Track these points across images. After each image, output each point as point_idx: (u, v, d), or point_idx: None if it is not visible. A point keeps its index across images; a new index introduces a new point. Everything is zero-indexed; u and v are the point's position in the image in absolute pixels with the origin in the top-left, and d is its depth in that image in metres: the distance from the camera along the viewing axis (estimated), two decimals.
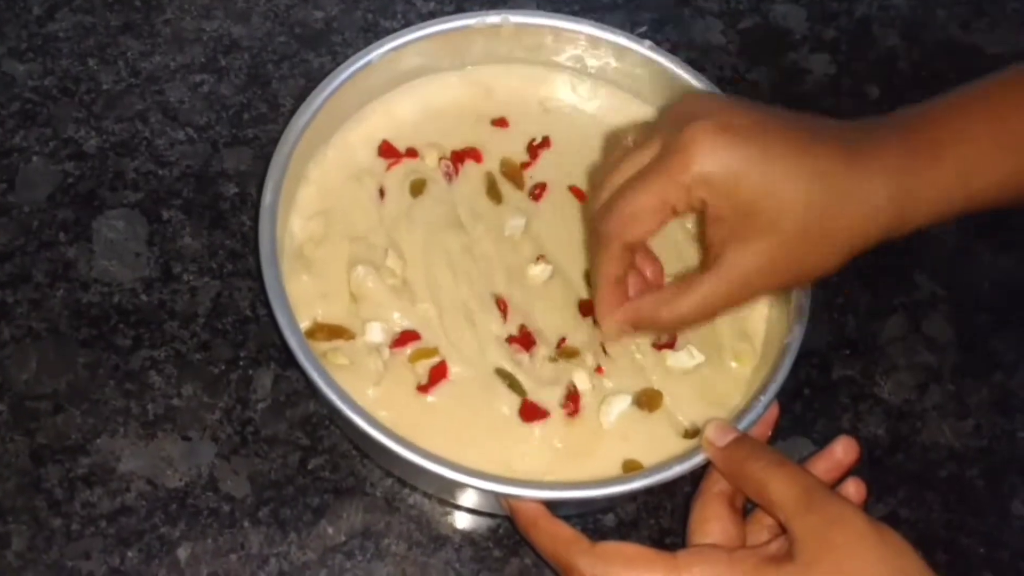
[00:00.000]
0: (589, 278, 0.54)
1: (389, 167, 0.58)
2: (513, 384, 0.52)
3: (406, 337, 0.52)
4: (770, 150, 0.45)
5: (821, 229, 0.45)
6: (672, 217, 0.46)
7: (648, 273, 0.52)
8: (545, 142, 0.60)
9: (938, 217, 0.47)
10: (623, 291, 0.50)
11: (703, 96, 0.48)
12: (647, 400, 0.53)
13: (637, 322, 0.50)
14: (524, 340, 0.53)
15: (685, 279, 0.48)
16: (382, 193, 0.57)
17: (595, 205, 0.49)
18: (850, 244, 0.46)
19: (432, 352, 0.52)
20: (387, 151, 0.58)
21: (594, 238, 0.50)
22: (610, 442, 0.52)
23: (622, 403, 0.52)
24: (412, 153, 0.58)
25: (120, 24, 0.66)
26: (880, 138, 0.47)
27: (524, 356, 0.53)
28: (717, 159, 0.44)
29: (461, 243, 0.56)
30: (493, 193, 0.58)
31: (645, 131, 0.49)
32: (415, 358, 0.52)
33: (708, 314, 0.48)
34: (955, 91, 0.50)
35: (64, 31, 0.65)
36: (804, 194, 0.44)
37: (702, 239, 0.50)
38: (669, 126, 0.46)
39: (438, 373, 0.52)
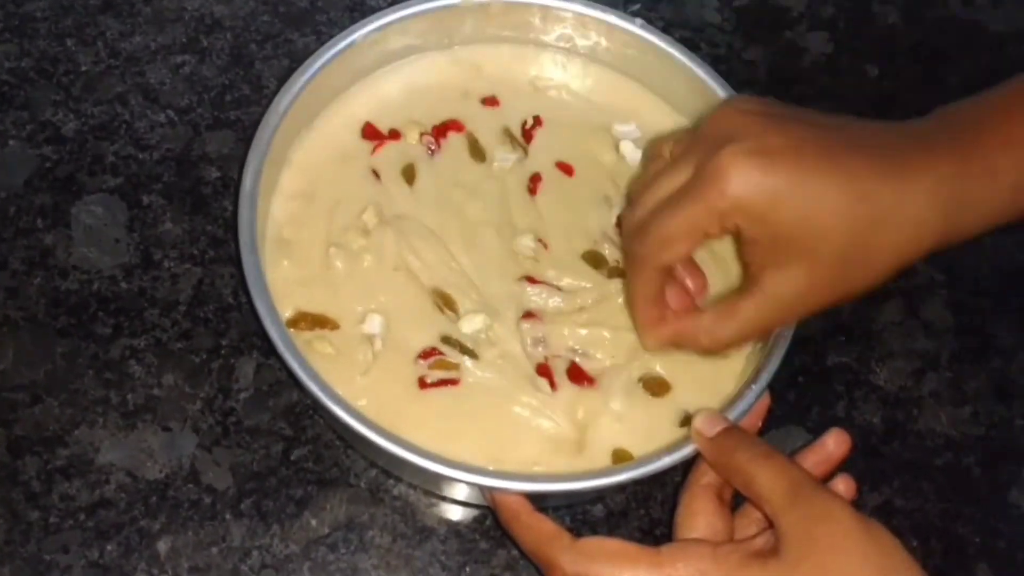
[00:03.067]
0: (625, 298, 0.53)
1: (375, 150, 0.57)
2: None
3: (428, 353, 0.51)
4: (807, 172, 0.43)
5: (863, 251, 0.44)
6: (705, 240, 0.45)
7: (690, 285, 0.51)
8: (537, 121, 0.59)
9: (987, 228, 0.46)
10: (661, 307, 0.49)
11: (739, 107, 0.46)
12: (654, 386, 0.52)
13: (677, 343, 0.49)
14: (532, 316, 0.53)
15: (725, 302, 0.47)
16: (377, 175, 0.56)
17: (630, 222, 0.48)
18: (895, 262, 0.45)
19: (452, 366, 0.51)
20: (370, 133, 0.57)
21: (628, 257, 0.49)
22: (604, 429, 0.51)
23: (629, 384, 0.52)
24: (395, 135, 0.57)
25: (100, 3, 0.64)
26: (926, 146, 0.45)
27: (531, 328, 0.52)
28: (751, 185, 0.43)
29: (457, 221, 0.55)
30: (476, 152, 0.57)
31: (683, 142, 0.48)
32: (434, 366, 0.51)
33: (748, 339, 0.48)
34: (998, 89, 0.48)
35: (42, 11, 0.64)
36: (844, 218, 0.43)
37: (741, 258, 0.50)
38: (704, 146, 0.45)
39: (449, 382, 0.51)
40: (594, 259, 0.55)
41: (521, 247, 0.54)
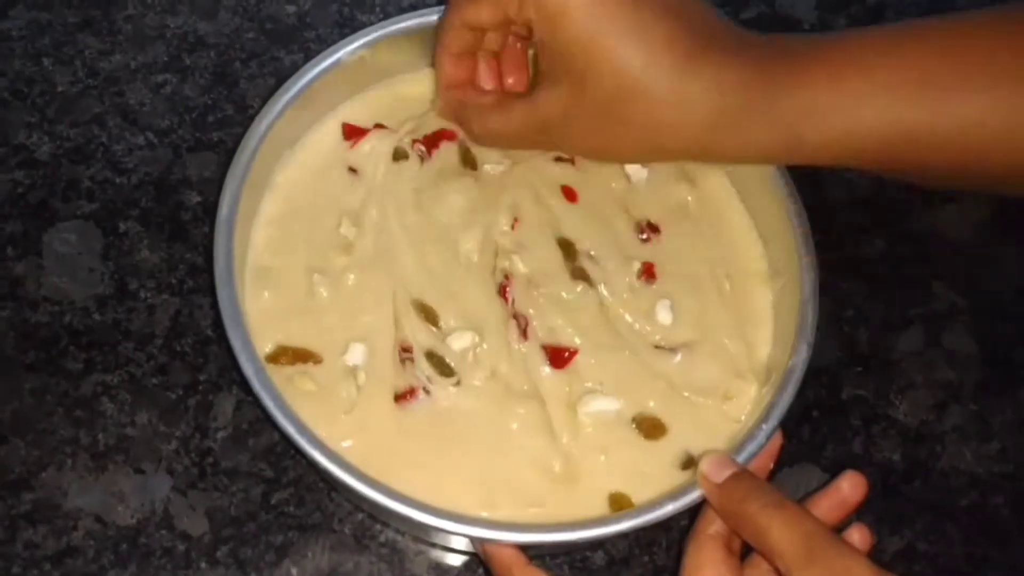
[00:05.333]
0: None
1: (354, 145, 0.54)
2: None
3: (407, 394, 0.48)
4: (620, 10, 0.43)
5: (623, 109, 0.44)
6: (507, 23, 0.46)
7: (511, 80, 0.51)
8: None
9: (750, 158, 0.46)
10: (464, 72, 0.50)
11: None
12: (648, 427, 0.48)
13: (458, 115, 0.51)
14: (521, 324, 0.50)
15: (508, 97, 0.49)
16: (355, 171, 0.53)
17: None
18: (651, 139, 0.45)
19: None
20: (351, 132, 0.54)
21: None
22: (602, 469, 0.48)
23: (619, 423, 0.48)
24: (380, 126, 0.54)
25: (78, 21, 0.62)
26: (744, 49, 0.44)
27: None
28: None
29: (440, 240, 0.52)
30: (467, 160, 0.54)
31: None
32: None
33: (512, 140, 0.49)
34: (863, 32, 0.46)
35: (18, 29, 0.61)
36: (620, 68, 0.43)
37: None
38: None
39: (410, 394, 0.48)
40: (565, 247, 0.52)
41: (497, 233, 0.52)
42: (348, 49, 0.53)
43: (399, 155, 0.53)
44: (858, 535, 0.43)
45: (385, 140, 0.54)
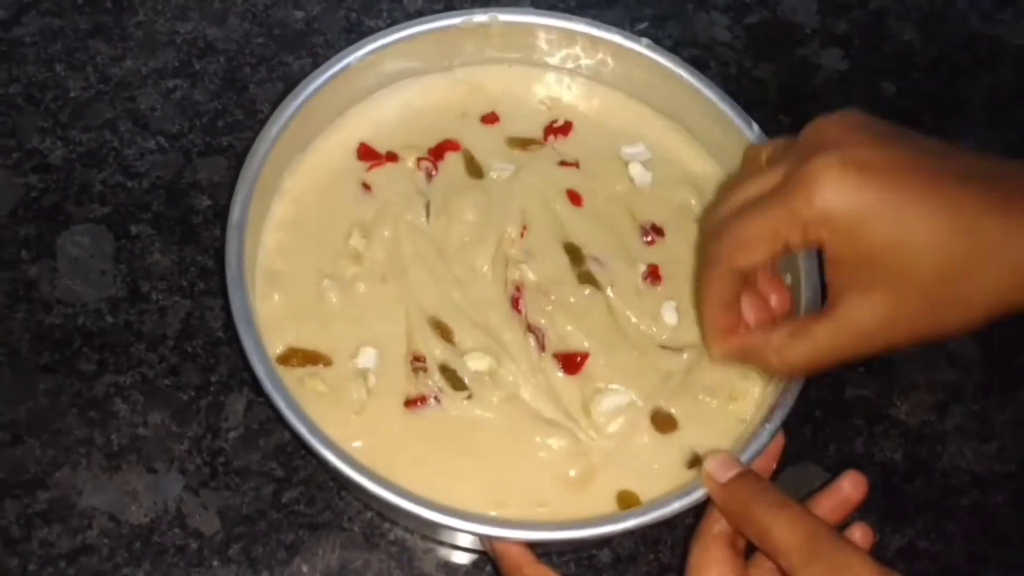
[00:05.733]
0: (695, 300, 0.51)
1: (371, 168, 0.54)
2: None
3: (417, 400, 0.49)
4: (904, 194, 0.40)
5: (957, 289, 0.40)
6: (785, 252, 0.43)
7: (773, 302, 0.47)
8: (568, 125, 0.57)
9: None
10: (734, 316, 0.46)
11: (841, 118, 0.43)
12: (661, 422, 0.49)
13: (744, 357, 0.46)
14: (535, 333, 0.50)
15: (800, 322, 0.44)
16: (368, 187, 0.54)
17: (711, 220, 0.45)
18: (991, 307, 0.41)
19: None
20: (366, 153, 0.55)
21: (703, 257, 0.46)
22: (612, 468, 0.48)
23: (631, 421, 0.49)
24: (392, 157, 0.55)
25: (90, 27, 0.63)
26: (984, 180, 0.41)
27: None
28: (842, 198, 0.40)
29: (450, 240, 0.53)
30: (473, 169, 0.55)
31: (780, 148, 0.45)
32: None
33: (818, 365, 0.44)
34: None
35: (30, 35, 0.62)
36: (940, 249, 0.40)
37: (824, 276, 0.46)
38: (799, 152, 0.42)
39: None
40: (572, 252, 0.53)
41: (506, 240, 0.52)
42: (357, 55, 0.54)
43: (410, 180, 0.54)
44: (860, 533, 0.44)
45: (397, 172, 0.54)
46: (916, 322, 0.41)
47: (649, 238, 0.54)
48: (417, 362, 0.49)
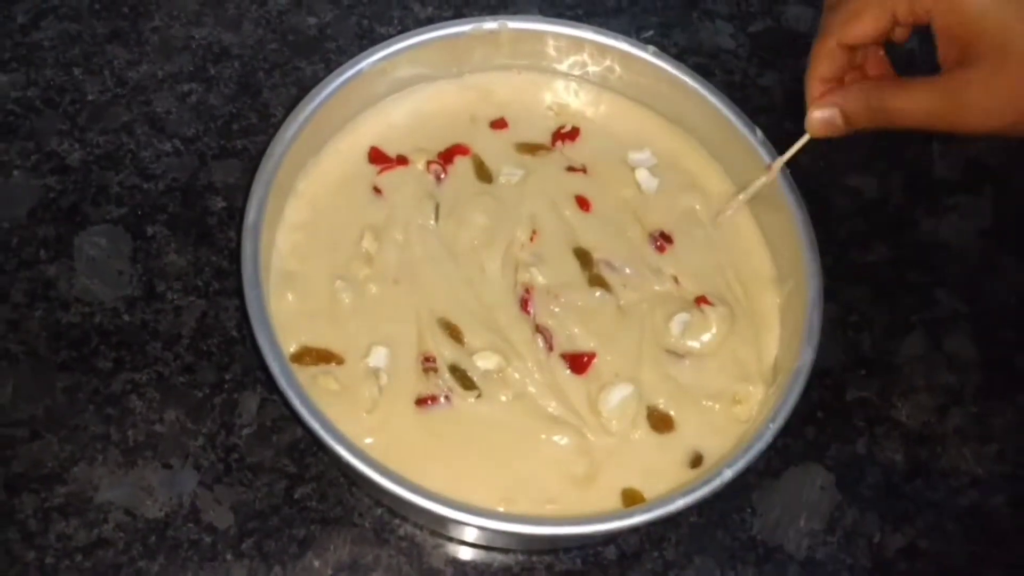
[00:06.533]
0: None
1: (381, 171, 0.55)
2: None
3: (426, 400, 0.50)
4: None
5: None
6: (893, 26, 0.46)
7: (873, 75, 0.50)
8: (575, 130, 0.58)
9: None
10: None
11: None
12: (656, 420, 0.50)
13: (844, 107, 0.48)
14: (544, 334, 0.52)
15: (907, 79, 0.47)
16: (378, 191, 0.55)
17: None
18: None
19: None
20: (377, 157, 0.56)
21: (819, 33, 0.48)
22: (618, 466, 0.49)
23: (636, 418, 0.50)
24: (403, 160, 0.56)
25: (107, 32, 0.64)
26: None
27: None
28: None
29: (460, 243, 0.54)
30: (482, 174, 0.56)
31: None
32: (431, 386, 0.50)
33: (917, 116, 0.46)
34: None
35: (49, 40, 0.63)
36: None
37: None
38: None
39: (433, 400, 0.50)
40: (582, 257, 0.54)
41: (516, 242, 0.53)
42: (369, 61, 0.55)
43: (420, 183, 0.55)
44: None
45: (407, 175, 0.56)
46: (1011, 102, 0.44)
47: (658, 243, 0.55)
48: (427, 362, 0.50)
